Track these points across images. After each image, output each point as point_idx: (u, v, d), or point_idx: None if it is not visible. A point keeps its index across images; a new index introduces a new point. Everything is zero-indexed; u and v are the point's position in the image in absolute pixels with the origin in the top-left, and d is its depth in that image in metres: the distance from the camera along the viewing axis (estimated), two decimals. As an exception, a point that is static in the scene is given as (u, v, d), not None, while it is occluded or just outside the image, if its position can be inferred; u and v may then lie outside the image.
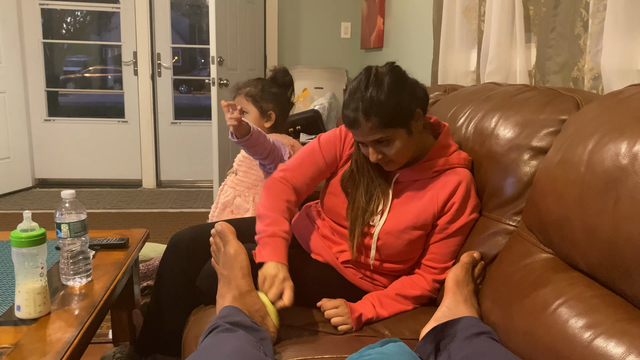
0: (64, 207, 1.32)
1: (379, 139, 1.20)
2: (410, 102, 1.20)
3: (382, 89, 1.16)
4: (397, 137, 1.20)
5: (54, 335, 1.07)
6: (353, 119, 1.19)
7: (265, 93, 1.93)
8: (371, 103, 1.16)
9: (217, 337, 0.95)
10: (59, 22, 4.79)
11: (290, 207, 1.34)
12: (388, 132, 1.19)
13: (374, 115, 1.16)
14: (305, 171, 1.40)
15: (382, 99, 1.16)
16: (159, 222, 3.62)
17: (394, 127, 1.19)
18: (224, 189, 1.98)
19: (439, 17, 2.30)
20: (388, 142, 1.21)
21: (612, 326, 0.80)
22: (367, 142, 1.22)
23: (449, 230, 1.27)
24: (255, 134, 1.65)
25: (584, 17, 1.36)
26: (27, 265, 1.12)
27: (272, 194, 1.35)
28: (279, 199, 1.33)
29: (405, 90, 1.20)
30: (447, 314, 1.10)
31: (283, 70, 2.00)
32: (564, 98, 1.18)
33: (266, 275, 1.16)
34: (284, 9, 4.43)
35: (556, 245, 1.00)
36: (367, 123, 1.17)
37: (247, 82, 1.97)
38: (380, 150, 1.23)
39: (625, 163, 0.82)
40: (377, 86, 1.17)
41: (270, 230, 1.25)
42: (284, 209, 1.32)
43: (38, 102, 4.51)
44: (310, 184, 1.41)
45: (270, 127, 1.95)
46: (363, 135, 1.21)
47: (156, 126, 4.67)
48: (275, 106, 1.94)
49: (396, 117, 1.18)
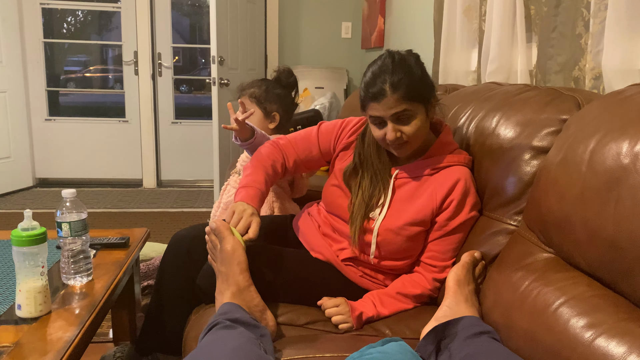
0: (64, 206, 1.32)
1: (403, 110, 1.21)
2: (430, 83, 1.29)
3: (409, 65, 1.24)
4: (418, 113, 1.24)
5: (55, 334, 1.07)
6: (379, 91, 1.21)
7: (269, 94, 1.92)
8: (398, 77, 1.20)
9: (217, 334, 0.95)
10: (60, 21, 4.79)
11: (275, 165, 1.43)
12: (412, 106, 1.22)
13: (402, 86, 1.20)
14: (296, 149, 1.47)
15: (408, 73, 1.22)
16: (160, 221, 3.62)
17: (418, 102, 1.23)
18: (226, 189, 1.98)
19: (439, 16, 2.30)
20: (409, 118, 1.23)
21: (614, 326, 0.80)
22: (388, 117, 1.23)
23: (448, 227, 1.27)
24: (259, 137, 1.64)
25: (585, 17, 1.36)
26: (28, 264, 1.12)
27: (260, 152, 1.46)
28: (265, 157, 1.44)
29: (426, 72, 1.28)
30: (448, 314, 1.10)
31: (287, 71, 1.99)
32: (565, 98, 1.18)
33: (235, 210, 1.26)
34: (284, 9, 4.43)
35: (557, 245, 1.00)
36: (393, 94, 1.20)
37: (251, 83, 1.97)
38: (399, 128, 1.24)
39: (626, 162, 0.82)
40: (403, 63, 1.23)
41: (245, 182, 1.36)
42: (267, 165, 1.42)
43: (39, 101, 4.51)
44: (298, 164, 1.47)
45: (275, 128, 1.95)
46: (387, 107, 1.22)
47: (157, 126, 4.67)
48: (280, 107, 1.93)
49: (421, 91, 1.24)
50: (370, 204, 1.31)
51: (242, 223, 1.23)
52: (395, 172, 1.33)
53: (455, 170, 1.29)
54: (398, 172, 1.33)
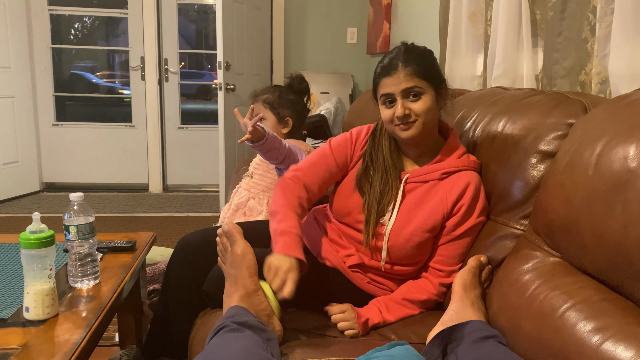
0: (72, 209, 1.33)
1: (413, 86, 1.24)
2: (441, 73, 1.32)
3: (422, 50, 1.31)
4: (427, 93, 1.26)
5: (62, 336, 1.08)
6: (389, 65, 1.27)
7: (282, 100, 1.97)
8: (411, 54, 1.27)
9: (224, 338, 0.96)
10: (68, 27, 4.83)
11: (302, 202, 1.35)
12: (422, 84, 1.25)
13: (413, 62, 1.25)
14: (317, 172, 1.40)
15: (421, 53, 1.29)
16: (166, 226, 3.63)
17: (428, 81, 1.26)
18: (238, 191, 2.00)
19: (445, 21, 2.30)
20: (418, 96, 1.25)
21: (621, 329, 0.79)
22: (398, 93, 1.25)
23: (456, 232, 1.27)
24: (271, 139, 1.65)
25: (591, 21, 1.36)
26: (36, 267, 1.13)
27: (284, 192, 1.35)
28: (291, 195, 1.34)
29: (437, 62, 1.33)
30: (454, 318, 1.10)
31: (299, 78, 2.04)
32: (571, 102, 1.18)
33: (270, 265, 1.15)
34: (290, 14, 4.45)
35: (564, 249, 1.00)
36: (405, 69, 1.25)
37: (264, 90, 2.02)
38: (408, 105, 1.25)
39: (633, 166, 0.82)
40: (416, 48, 1.30)
41: (280, 228, 1.24)
42: (295, 205, 1.32)
43: (46, 106, 4.55)
44: (322, 185, 1.41)
45: (287, 133, 1.98)
46: (397, 82, 1.25)
47: (163, 131, 4.69)
48: (292, 112, 1.98)
49: (431, 72, 1.28)
50: (383, 202, 1.31)
51: (276, 280, 1.12)
52: (405, 177, 1.33)
53: (465, 174, 1.29)
54: (408, 177, 1.32)
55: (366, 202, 1.33)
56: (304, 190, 1.38)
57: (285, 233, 1.22)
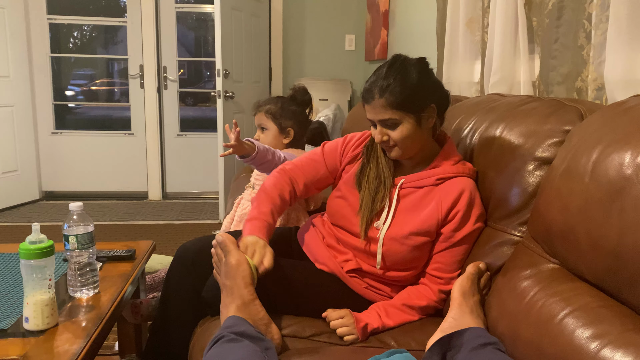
0: (71, 219, 1.33)
1: (387, 118, 1.26)
2: (427, 94, 1.28)
3: (404, 73, 1.25)
4: (405, 122, 1.26)
5: (62, 347, 1.08)
6: (368, 93, 1.27)
7: (284, 111, 1.98)
8: (387, 82, 1.24)
9: (222, 348, 0.96)
10: (67, 36, 4.85)
11: (283, 193, 1.43)
12: (396, 115, 1.25)
13: (387, 93, 1.24)
14: (304, 170, 1.48)
15: (399, 80, 1.24)
16: (165, 233, 3.63)
17: (404, 111, 1.25)
18: (240, 202, 2.00)
19: (442, 28, 2.32)
20: (395, 125, 1.26)
21: (619, 336, 0.80)
22: (376, 121, 1.28)
23: (453, 238, 1.28)
24: (261, 153, 1.67)
25: (586, 29, 1.36)
26: (35, 277, 1.13)
27: (267, 184, 1.45)
28: (272, 187, 1.43)
29: (426, 82, 1.29)
30: (453, 325, 1.10)
31: (302, 89, 2.06)
32: (567, 109, 1.18)
33: (246, 244, 1.25)
34: (288, 22, 4.47)
35: (561, 256, 1.00)
36: (379, 99, 1.25)
37: (267, 100, 2.04)
38: (386, 132, 1.28)
39: (629, 173, 0.83)
40: (399, 70, 1.26)
41: (252, 214, 1.36)
42: (274, 195, 1.41)
43: (45, 115, 4.55)
44: (308, 184, 1.47)
45: (289, 143, 2.00)
46: (374, 112, 1.27)
47: (162, 138, 4.70)
48: (294, 123, 2.00)
49: (408, 102, 1.25)
50: (377, 197, 1.33)
51: (257, 255, 1.23)
52: (400, 182, 1.33)
53: (460, 181, 1.29)
54: (403, 182, 1.33)
55: (362, 198, 1.35)
56: (289, 182, 1.45)
57: (255, 218, 1.34)
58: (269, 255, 1.24)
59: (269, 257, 1.24)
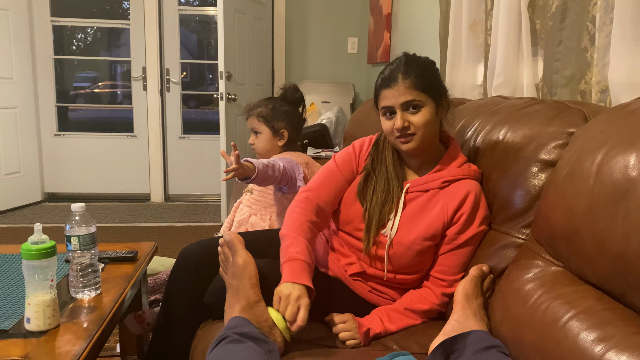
0: (74, 220, 1.33)
1: (412, 100, 1.24)
2: (442, 84, 1.32)
3: (423, 62, 1.30)
4: (427, 106, 1.26)
5: (63, 347, 1.07)
6: (389, 77, 1.27)
7: (276, 112, 1.94)
8: (411, 65, 1.26)
9: (225, 348, 0.95)
10: (70, 38, 4.86)
11: (312, 227, 1.32)
12: (421, 96, 1.25)
13: (413, 75, 1.25)
14: (327, 191, 1.39)
15: (421, 66, 1.27)
16: (167, 236, 3.63)
17: (427, 94, 1.25)
18: (239, 207, 1.98)
19: (445, 31, 2.32)
20: (417, 109, 1.25)
21: (624, 339, 0.79)
22: (398, 105, 1.25)
23: (457, 241, 1.27)
24: (261, 173, 1.64)
25: (590, 31, 1.36)
26: (37, 278, 1.13)
27: (294, 215, 1.33)
28: (302, 219, 1.32)
29: (438, 73, 1.33)
30: (456, 328, 1.09)
31: (293, 88, 2.01)
32: (571, 111, 1.18)
33: (280, 294, 1.13)
34: (291, 25, 4.47)
35: (565, 258, 0.99)
36: (404, 81, 1.24)
37: (258, 103, 1.99)
38: (407, 118, 1.26)
39: (634, 175, 0.82)
40: (417, 59, 1.30)
41: (288, 255, 1.22)
42: (305, 229, 1.30)
43: (48, 117, 4.56)
44: (333, 202, 1.40)
45: (284, 145, 1.96)
46: (397, 95, 1.25)
47: (165, 141, 4.70)
48: (287, 124, 1.95)
49: (431, 84, 1.27)
50: (384, 210, 1.31)
51: (289, 310, 1.10)
52: (407, 186, 1.33)
53: (465, 183, 1.29)
54: (409, 186, 1.33)
55: (367, 210, 1.33)
56: (315, 213, 1.34)
57: (292, 260, 1.20)
58: (303, 310, 1.10)
59: (303, 312, 1.09)
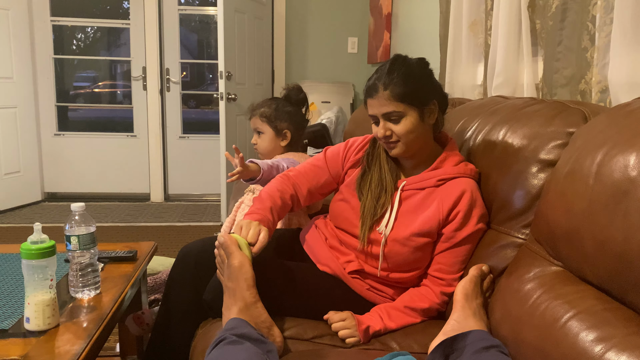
0: (73, 219, 1.33)
1: (391, 111, 1.25)
2: (429, 90, 1.30)
3: (407, 67, 1.27)
4: (408, 115, 1.26)
5: (63, 347, 1.07)
6: (372, 86, 1.28)
7: (279, 112, 1.93)
8: (392, 75, 1.25)
9: (223, 350, 0.95)
10: (70, 38, 4.86)
11: (284, 196, 1.43)
12: (401, 107, 1.25)
13: (392, 85, 1.24)
14: (307, 176, 1.48)
15: (403, 74, 1.25)
16: (167, 235, 3.63)
17: (408, 104, 1.25)
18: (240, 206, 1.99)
19: (445, 31, 2.32)
20: (398, 119, 1.26)
21: (624, 340, 0.79)
22: (380, 115, 1.27)
23: (455, 239, 1.27)
24: (266, 175, 1.66)
25: (590, 31, 1.36)
26: (37, 278, 1.13)
27: (268, 186, 1.45)
28: (274, 189, 1.43)
29: (427, 79, 1.31)
30: (456, 328, 1.09)
31: (296, 89, 2.01)
32: (571, 111, 1.18)
33: (241, 224, 1.26)
34: (291, 24, 4.47)
35: (565, 258, 0.99)
36: (383, 92, 1.25)
37: (261, 103, 1.98)
38: (389, 127, 1.27)
39: (634, 175, 0.82)
40: (402, 65, 1.27)
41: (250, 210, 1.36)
42: (275, 196, 1.41)
43: (48, 116, 4.56)
44: (312, 190, 1.47)
45: (287, 146, 1.96)
46: (378, 106, 1.27)
47: (165, 140, 4.70)
48: (290, 124, 1.94)
49: (412, 94, 1.25)
50: (379, 204, 1.32)
51: (251, 232, 1.23)
52: (402, 184, 1.33)
53: (461, 182, 1.29)
54: (405, 184, 1.33)
55: (363, 204, 1.34)
56: (291, 187, 1.45)
57: (253, 212, 1.34)
58: (264, 232, 1.24)
59: (265, 233, 1.23)
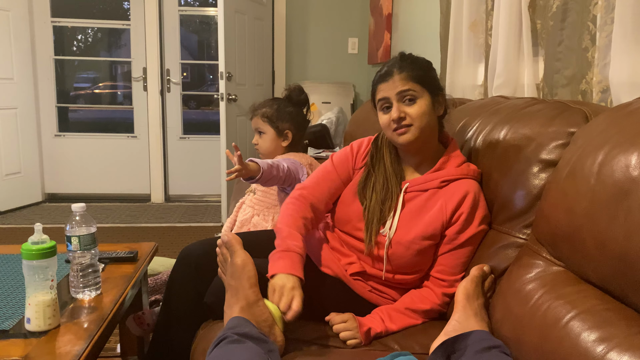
0: (74, 220, 1.33)
1: (407, 89, 1.27)
2: (438, 81, 1.34)
3: (417, 59, 1.34)
4: (423, 98, 1.28)
5: (63, 348, 1.07)
6: (386, 72, 1.31)
7: (280, 113, 1.94)
8: (406, 60, 1.31)
9: (225, 349, 0.95)
10: (70, 39, 4.87)
11: (307, 223, 1.35)
12: (416, 87, 1.27)
13: (408, 68, 1.29)
14: (322, 190, 1.42)
15: (417, 60, 1.32)
16: (168, 236, 3.63)
17: (423, 86, 1.28)
18: (242, 207, 1.99)
19: (445, 31, 2.31)
20: (413, 99, 1.27)
21: (625, 340, 0.79)
22: (394, 96, 1.28)
23: (457, 240, 1.27)
24: (266, 174, 1.65)
25: (591, 31, 1.36)
26: (38, 278, 1.13)
27: (290, 211, 1.36)
28: (296, 215, 1.35)
29: (435, 74, 1.36)
30: (457, 328, 1.09)
31: (298, 89, 2.01)
32: (572, 111, 1.18)
33: (275, 287, 1.16)
34: (291, 25, 4.47)
35: (567, 258, 0.99)
36: (400, 74, 1.28)
37: (262, 103, 1.99)
38: (403, 109, 1.27)
39: (635, 175, 0.82)
40: (412, 56, 1.34)
41: (284, 245, 1.25)
42: (300, 225, 1.32)
43: (49, 117, 4.57)
44: (328, 202, 1.43)
45: (288, 146, 1.96)
46: (392, 87, 1.28)
47: (165, 141, 4.70)
48: (292, 125, 1.95)
49: (427, 78, 1.30)
50: (384, 208, 1.31)
51: (284, 300, 1.13)
52: (405, 186, 1.33)
53: (464, 183, 1.29)
54: (407, 186, 1.33)
55: (367, 208, 1.33)
56: (310, 210, 1.38)
57: (289, 251, 1.24)
58: (297, 300, 1.13)
59: (297, 302, 1.13)
